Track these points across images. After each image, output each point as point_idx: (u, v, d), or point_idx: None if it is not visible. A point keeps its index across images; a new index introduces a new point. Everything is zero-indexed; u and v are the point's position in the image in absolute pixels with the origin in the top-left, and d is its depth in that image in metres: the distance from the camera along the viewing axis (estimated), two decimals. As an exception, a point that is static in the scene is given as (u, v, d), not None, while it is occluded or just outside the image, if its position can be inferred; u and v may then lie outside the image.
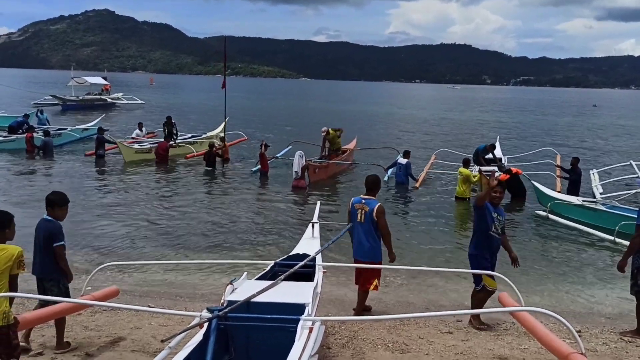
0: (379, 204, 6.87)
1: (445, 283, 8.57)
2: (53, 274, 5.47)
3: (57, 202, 5.44)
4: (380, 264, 6.94)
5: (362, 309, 7.09)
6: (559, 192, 14.92)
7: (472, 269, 6.75)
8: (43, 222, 5.43)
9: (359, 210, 6.86)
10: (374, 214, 6.76)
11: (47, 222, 5.41)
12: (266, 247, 10.39)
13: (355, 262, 6.98)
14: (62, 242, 5.40)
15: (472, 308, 6.73)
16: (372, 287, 6.94)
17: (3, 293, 4.22)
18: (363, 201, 6.90)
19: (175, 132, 22.17)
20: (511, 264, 6.81)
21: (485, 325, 6.67)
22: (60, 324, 5.61)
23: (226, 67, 22.32)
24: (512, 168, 15.66)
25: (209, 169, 18.29)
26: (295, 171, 15.80)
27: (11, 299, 4.43)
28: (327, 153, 19.00)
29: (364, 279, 6.96)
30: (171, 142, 20.58)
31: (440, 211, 13.85)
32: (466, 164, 15.14)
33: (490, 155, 18.52)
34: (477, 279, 6.68)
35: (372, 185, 6.98)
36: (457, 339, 6.21)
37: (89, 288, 6.42)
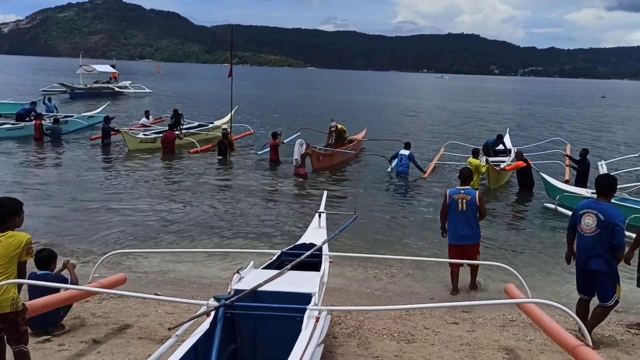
0: (478, 191, 7.78)
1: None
2: None
3: None
4: (479, 245, 7.80)
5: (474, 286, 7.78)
6: (567, 180, 14.83)
7: (610, 288, 5.78)
8: None
9: (460, 200, 7.53)
10: (477, 201, 7.51)
11: None
12: (273, 237, 10.41)
13: (455, 248, 7.66)
14: None
15: (591, 326, 5.78)
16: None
17: (12, 280, 4.25)
18: (462, 191, 7.61)
19: (182, 122, 22.10)
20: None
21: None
22: None
23: (233, 56, 22.08)
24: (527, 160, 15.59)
25: (220, 157, 18.28)
26: (296, 159, 16.09)
27: (20, 286, 4.46)
28: (332, 142, 19.17)
29: (469, 258, 7.46)
30: (177, 132, 20.34)
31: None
32: (475, 154, 15.07)
33: (500, 146, 18.50)
34: (608, 295, 5.78)
35: (467, 176, 7.85)
36: (463, 330, 6.22)
37: (97, 275, 6.47)
